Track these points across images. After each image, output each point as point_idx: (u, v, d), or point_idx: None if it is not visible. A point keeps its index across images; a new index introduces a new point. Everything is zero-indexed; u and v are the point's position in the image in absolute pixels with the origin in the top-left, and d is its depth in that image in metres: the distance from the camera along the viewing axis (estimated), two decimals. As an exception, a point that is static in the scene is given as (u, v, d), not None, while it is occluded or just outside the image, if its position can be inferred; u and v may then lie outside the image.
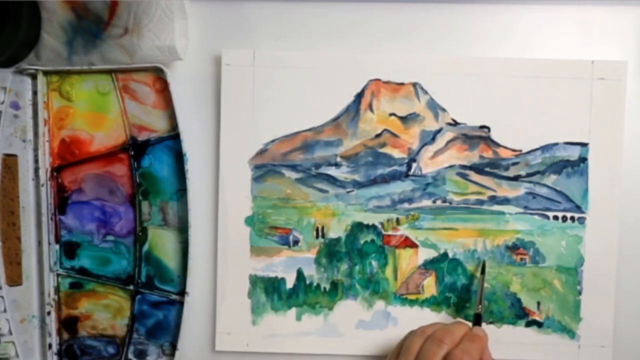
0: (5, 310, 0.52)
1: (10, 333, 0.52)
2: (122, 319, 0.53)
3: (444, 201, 0.52)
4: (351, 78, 0.52)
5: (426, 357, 0.44)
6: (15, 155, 0.52)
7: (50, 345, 0.53)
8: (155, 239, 0.53)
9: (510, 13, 0.52)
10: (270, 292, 0.53)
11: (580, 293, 0.51)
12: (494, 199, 0.52)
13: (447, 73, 0.51)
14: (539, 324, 0.52)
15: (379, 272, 0.52)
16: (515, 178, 0.52)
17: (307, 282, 0.52)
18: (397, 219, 0.52)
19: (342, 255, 0.52)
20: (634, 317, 0.52)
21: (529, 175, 0.52)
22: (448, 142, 0.52)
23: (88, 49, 0.51)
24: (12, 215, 0.52)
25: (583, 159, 0.51)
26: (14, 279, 0.52)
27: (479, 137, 0.52)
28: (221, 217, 0.52)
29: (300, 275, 0.52)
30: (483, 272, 0.51)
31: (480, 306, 0.49)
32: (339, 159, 0.52)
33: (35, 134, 0.53)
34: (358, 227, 0.52)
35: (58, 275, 0.53)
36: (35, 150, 0.53)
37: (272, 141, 0.52)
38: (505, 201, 0.52)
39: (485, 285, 0.51)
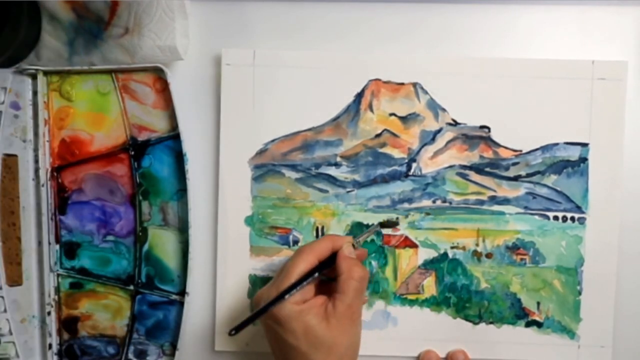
0: (5, 311, 0.52)
1: (11, 333, 0.52)
2: (122, 319, 0.53)
3: (444, 201, 0.52)
4: (351, 78, 0.52)
5: None
6: (15, 155, 0.52)
7: (50, 346, 0.53)
8: (155, 239, 0.53)
9: (510, 13, 0.52)
10: (270, 292, 0.52)
11: (580, 293, 0.51)
12: (494, 199, 0.52)
13: (447, 73, 0.51)
14: (539, 324, 0.52)
15: (379, 271, 0.52)
16: (516, 178, 0.52)
17: (307, 282, 0.52)
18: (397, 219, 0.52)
19: (342, 255, 0.52)
20: (634, 317, 0.52)
21: (529, 175, 0.51)
22: (448, 142, 0.52)
23: (89, 49, 0.51)
24: (12, 215, 0.52)
25: (583, 159, 0.51)
26: (14, 279, 0.52)
27: (479, 137, 0.52)
28: (221, 217, 0.52)
29: (300, 275, 0.52)
30: (388, 226, 0.51)
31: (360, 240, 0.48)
32: (339, 159, 0.52)
33: (36, 134, 0.53)
34: (358, 227, 0.52)
35: (58, 275, 0.53)
36: (36, 150, 0.53)
37: (272, 141, 0.52)
38: (505, 201, 0.52)
39: (485, 285, 0.52)
